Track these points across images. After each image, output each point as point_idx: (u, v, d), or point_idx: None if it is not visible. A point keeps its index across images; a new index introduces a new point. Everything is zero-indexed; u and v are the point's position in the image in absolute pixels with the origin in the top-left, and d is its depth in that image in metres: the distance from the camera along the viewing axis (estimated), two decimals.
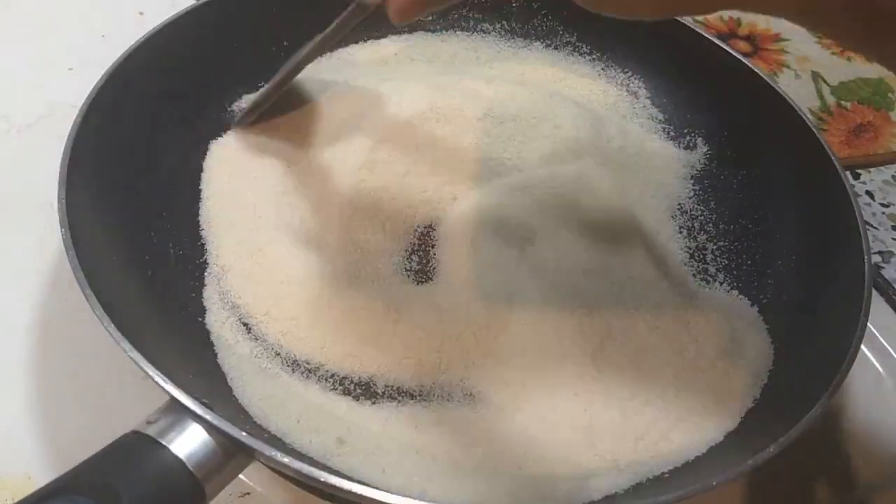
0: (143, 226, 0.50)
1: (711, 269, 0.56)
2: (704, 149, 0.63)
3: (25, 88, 0.66)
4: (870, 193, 0.70)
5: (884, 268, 0.64)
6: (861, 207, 0.52)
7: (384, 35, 0.65)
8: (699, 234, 0.58)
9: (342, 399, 0.45)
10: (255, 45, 0.61)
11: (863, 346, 0.45)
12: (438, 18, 0.67)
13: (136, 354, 0.38)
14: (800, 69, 0.81)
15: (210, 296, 0.49)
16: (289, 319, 0.47)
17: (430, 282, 0.52)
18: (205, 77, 0.57)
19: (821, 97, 0.78)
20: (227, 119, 0.58)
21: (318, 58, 0.63)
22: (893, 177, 0.71)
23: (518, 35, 0.68)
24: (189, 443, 0.36)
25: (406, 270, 0.52)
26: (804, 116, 0.57)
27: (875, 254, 0.64)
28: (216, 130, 0.57)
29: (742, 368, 0.48)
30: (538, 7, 0.67)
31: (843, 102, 0.78)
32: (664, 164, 0.62)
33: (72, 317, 0.52)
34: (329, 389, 0.46)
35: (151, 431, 0.36)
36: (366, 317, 0.47)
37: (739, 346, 0.49)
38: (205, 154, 0.56)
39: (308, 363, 0.47)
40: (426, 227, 0.54)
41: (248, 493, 0.46)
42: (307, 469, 0.36)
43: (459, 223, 0.53)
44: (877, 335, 0.58)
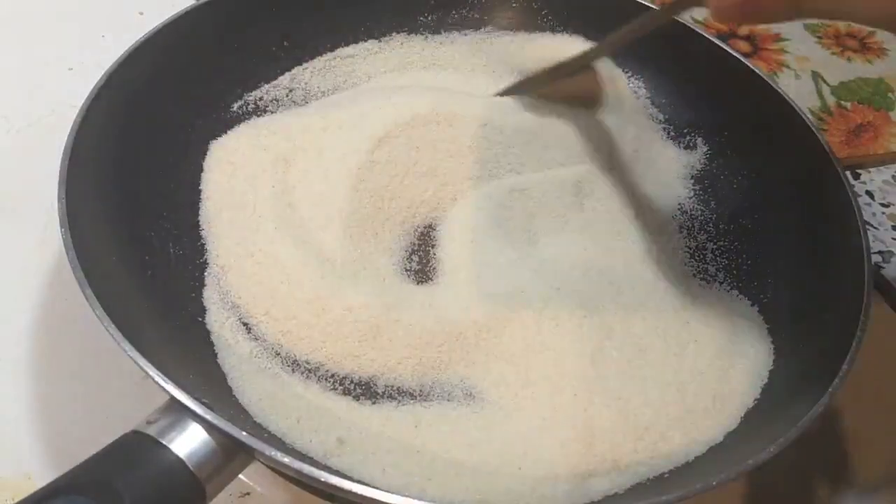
0: (143, 226, 0.50)
1: (711, 269, 0.56)
2: (704, 149, 0.63)
3: (25, 88, 0.66)
4: (870, 193, 0.70)
5: (884, 267, 0.64)
6: (861, 207, 0.52)
7: (385, 35, 0.65)
8: (699, 234, 0.58)
9: (342, 399, 0.45)
10: (255, 45, 0.61)
11: (863, 346, 0.45)
12: (438, 20, 0.67)
13: (136, 354, 0.38)
14: (800, 69, 0.81)
15: (210, 296, 0.49)
16: (289, 319, 0.47)
17: (430, 282, 0.52)
18: (205, 77, 0.57)
19: (821, 97, 0.78)
20: (227, 119, 0.58)
21: (319, 57, 0.63)
22: (893, 177, 0.71)
23: (518, 36, 0.68)
24: (189, 443, 0.36)
25: (406, 270, 0.52)
26: (804, 116, 0.57)
27: (875, 254, 0.64)
28: (216, 130, 0.57)
29: (742, 368, 0.48)
30: (538, 7, 0.67)
31: (843, 102, 0.78)
32: (664, 164, 0.62)
33: (72, 317, 0.52)
34: (329, 389, 0.46)
35: (152, 431, 0.36)
36: (366, 317, 0.47)
37: (739, 346, 0.49)
38: (205, 154, 0.56)
39: (308, 363, 0.47)
40: (426, 227, 0.54)
41: (249, 493, 0.46)
42: (307, 469, 0.36)
43: (459, 224, 0.53)
44: (877, 334, 0.57)
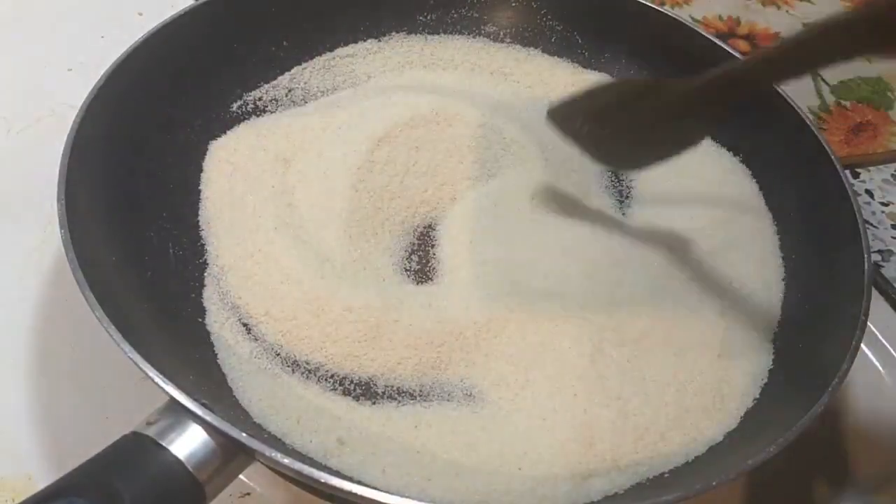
0: (143, 226, 0.50)
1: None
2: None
3: (25, 89, 0.66)
4: (869, 192, 0.70)
5: (883, 266, 0.64)
6: (860, 206, 0.52)
7: (384, 35, 0.65)
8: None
9: (342, 399, 0.45)
10: (255, 45, 0.61)
11: (863, 346, 0.45)
12: (438, 19, 0.67)
13: (136, 355, 0.38)
14: None
15: (210, 296, 0.49)
16: (289, 319, 0.47)
17: (430, 282, 0.52)
18: (204, 77, 0.57)
19: (820, 96, 0.78)
20: (227, 119, 0.58)
21: (318, 57, 0.63)
22: (893, 175, 0.71)
23: (518, 36, 0.68)
24: (189, 443, 0.36)
25: (406, 270, 0.52)
26: (804, 115, 0.57)
27: (875, 252, 0.64)
28: (216, 131, 0.57)
29: (742, 368, 0.48)
30: (538, 7, 0.67)
31: (843, 101, 0.78)
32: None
33: (72, 317, 0.52)
34: (329, 390, 0.46)
35: (151, 432, 0.36)
36: (366, 317, 0.47)
37: (739, 346, 0.49)
38: (204, 154, 0.56)
39: (308, 363, 0.47)
40: (426, 227, 0.54)
41: (249, 494, 0.46)
42: (307, 470, 0.36)
43: (459, 224, 0.53)
44: (877, 334, 0.58)
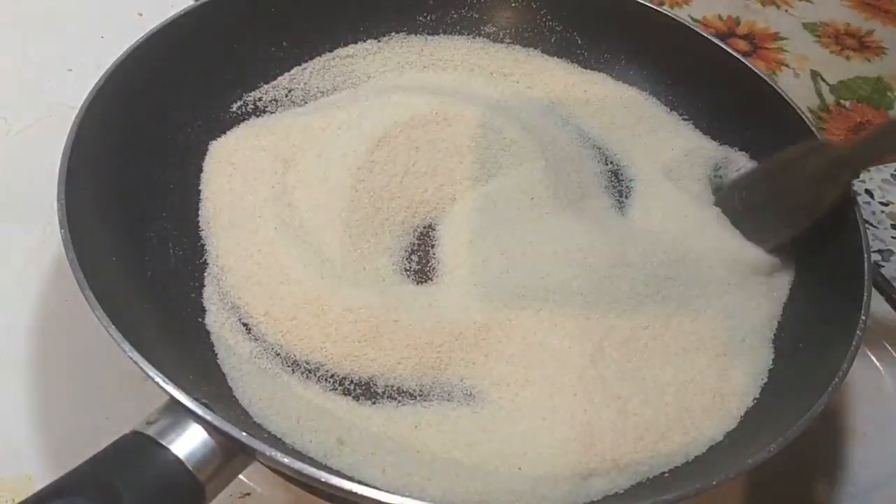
0: (143, 226, 0.50)
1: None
2: None
3: (25, 89, 0.66)
4: (869, 192, 0.70)
5: (883, 266, 0.64)
6: (860, 206, 0.52)
7: (384, 35, 0.65)
8: None
9: (342, 399, 0.45)
10: (255, 45, 0.61)
11: (863, 346, 0.45)
12: (437, 19, 0.67)
13: (136, 355, 0.38)
14: (799, 68, 0.81)
15: (210, 296, 0.49)
16: (289, 320, 0.47)
17: (430, 282, 0.52)
18: (204, 77, 0.57)
19: (820, 96, 0.78)
20: (227, 119, 0.58)
21: (318, 57, 0.63)
22: (893, 175, 0.71)
23: (518, 36, 0.68)
24: (189, 443, 0.36)
25: (406, 270, 0.52)
26: (803, 115, 0.57)
27: (875, 252, 0.64)
28: (215, 131, 0.57)
29: (742, 368, 0.48)
30: (538, 7, 0.67)
31: (843, 101, 0.78)
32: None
33: (72, 317, 0.52)
34: (329, 389, 0.46)
35: (151, 432, 0.36)
36: (366, 317, 0.47)
37: (739, 346, 0.49)
38: (204, 154, 0.56)
39: (308, 363, 0.47)
40: (426, 227, 0.54)
41: (249, 494, 0.46)
42: (307, 469, 0.36)
43: (459, 224, 0.53)
44: (877, 334, 0.58)
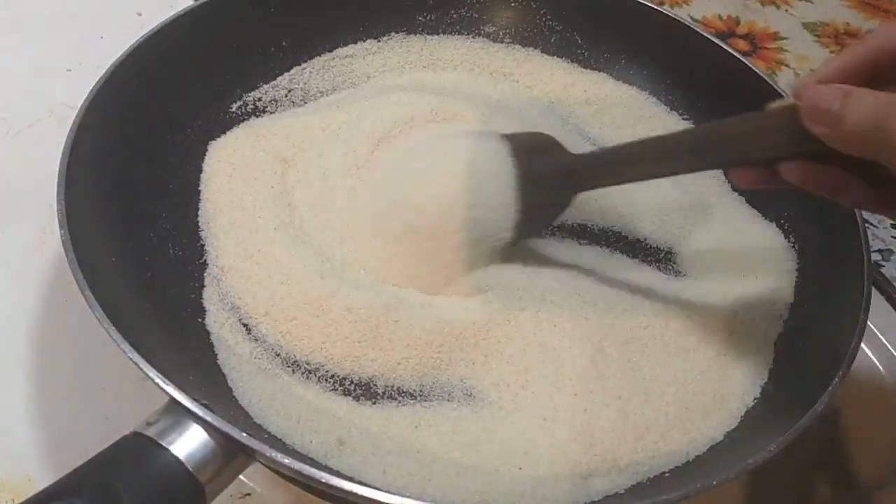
0: (143, 226, 0.50)
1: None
2: None
3: (24, 90, 0.66)
4: None
5: (883, 266, 0.64)
6: None
7: (384, 35, 0.65)
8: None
9: (342, 399, 0.45)
10: (255, 45, 0.61)
11: (863, 345, 0.45)
12: (437, 19, 0.67)
13: (136, 356, 0.38)
14: (799, 68, 0.81)
15: (210, 297, 0.49)
16: (288, 320, 0.47)
17: None
18: (204, 77, 0.57)
19: None
20: (227, 120, 0.58)
21: (318, 57, 0.63)
22: None
23: (518, 36, 0.67)
24: (189, 444, 0.36)
25: None
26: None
27: (874, 252, 0.64)
28: (216, 130, 0.57)
29: (742, 367, 0.48)
30: (537, 7, 0.67)
31: None
32: None
33: (72, 317, 0.52)
34: (329, 390, 0.46)
35: (151, 432, 0.36)
36: (366, 317, 0.47)
37: (739, 346, 0.49)
38: (204, 154, 0.56)
39: (308, 363, 0.47)
40: None
41: (249, 494, 0.46)
42: (308, 470, 0.36)
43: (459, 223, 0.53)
44: (877, 334, 0.58)
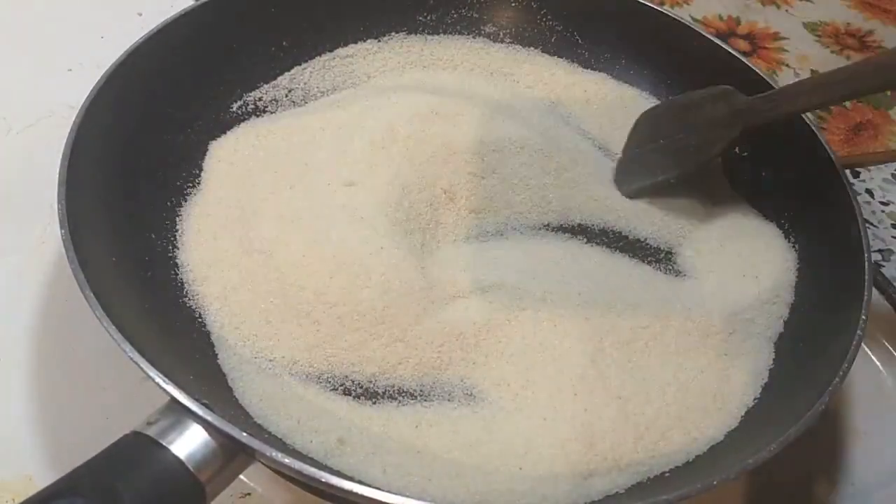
0: (143, 226, 0.50)
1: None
2: None
3: (25, 89, 0.66)
4: (869, 192, 0.70)
5: (884, 266, 0.64)
6: (861, 206, 0.52)
7: (384, 35, 0.65)
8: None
9: (342, 399, 0.45)
10: (254, 46, 0.61)
11: (863, 346, 0.45)
12: (438, 19, 0.67)
13: (137, 355, 0.38)
14: (799, 67, 0.81)
15: (210, 296, 0.49)
16: (288, 319, 0.47)
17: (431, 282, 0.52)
18: (204, 77, 0.57)
19: None
20: (227, 119, 0.58)
21: (318, 57, 0.63)
22: (893, 175, 0.71)
23: (518, 36, 0.68)
24: (189, 443, 0.36)
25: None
26: (803, 115, 0.57)
27: (875, 252, 0.64)
28: (216, 130, 0.57)
29: (742, 367, 0.48)
30: (538, 7, 0.67)
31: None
32: None
33: (72, 317, 0.52)
34: (329, 390, 0.46)
35: (152, 432, 0.36)
36: (366, 317, 0.47)
37: (739, 346, 0.49)
38: (204, 154, 0.56)
39: (308, 363, 0.46)
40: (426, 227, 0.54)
41: (249, 494, 0.46)
42: (308, 469, 0.36)
43: (459, 223, 0.53)
44: (877, 334, 0.58)
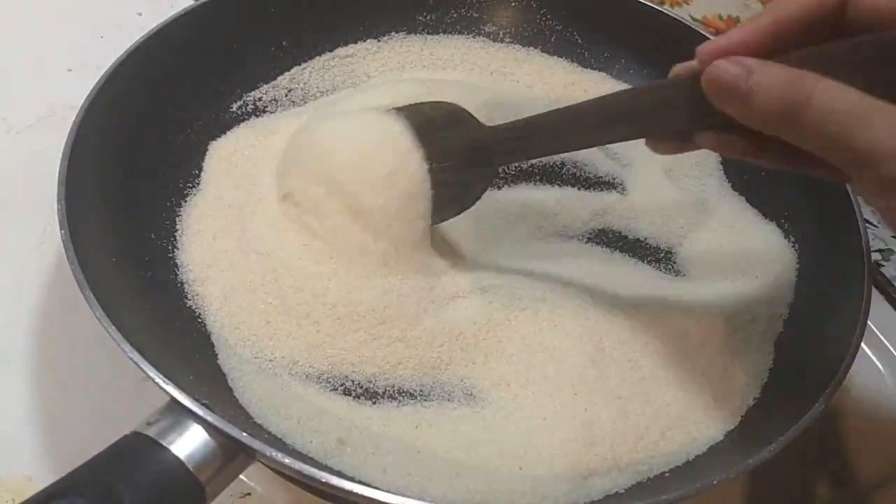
0: (143, 226, 0.50)
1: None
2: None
3: (25, 89, 0.66)
4: None
5: (884, 266, 0.64)
6: (861, 205, 0.52)
7: (384, 34, 0.65)
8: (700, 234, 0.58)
9: (342, 399, 0.45)
10: (254, 46, 0.61)
11: (863, 345, 0.45)
12: (437, 19, 0.67)
13: (136, 355, 0.38)
14: None
15: (209, 296, 0.49)
16: (287, 319, 0.47)
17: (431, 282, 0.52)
18: (204, 77, 0.57)
19: None
20: (227, 119, 0.58)
21: (318, 57, 0.63)
22: None
23: (518, 36, 0.67)
24: (189, 443, 0.36)
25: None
26: None
27: (875, 252, 0.64)
28: (216, 130, 0.57)
29: (742, 367, 0.48)
30: (538, 6, 0.67)
31: None
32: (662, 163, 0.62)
33: (72, 317, 0.52)
34: (329, 390, 0.46)
35: (152, 432, 0.36)
36: (366, 317, 0.47)
37: (739, 346, 0.49)
38: (204, 154, 0.56)
39: (308, 363, 0.46)
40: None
41: (249, 494, 0.46)
42: (308, 469, 0.36)
43: (459, 223, 0.53)
44: (877, 334, 0.58)
